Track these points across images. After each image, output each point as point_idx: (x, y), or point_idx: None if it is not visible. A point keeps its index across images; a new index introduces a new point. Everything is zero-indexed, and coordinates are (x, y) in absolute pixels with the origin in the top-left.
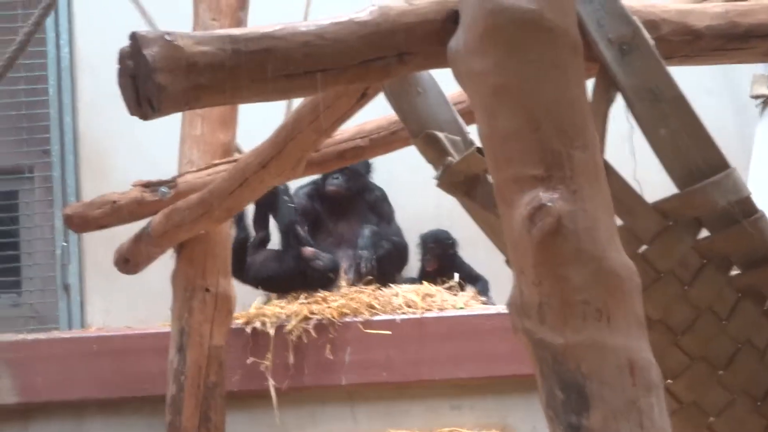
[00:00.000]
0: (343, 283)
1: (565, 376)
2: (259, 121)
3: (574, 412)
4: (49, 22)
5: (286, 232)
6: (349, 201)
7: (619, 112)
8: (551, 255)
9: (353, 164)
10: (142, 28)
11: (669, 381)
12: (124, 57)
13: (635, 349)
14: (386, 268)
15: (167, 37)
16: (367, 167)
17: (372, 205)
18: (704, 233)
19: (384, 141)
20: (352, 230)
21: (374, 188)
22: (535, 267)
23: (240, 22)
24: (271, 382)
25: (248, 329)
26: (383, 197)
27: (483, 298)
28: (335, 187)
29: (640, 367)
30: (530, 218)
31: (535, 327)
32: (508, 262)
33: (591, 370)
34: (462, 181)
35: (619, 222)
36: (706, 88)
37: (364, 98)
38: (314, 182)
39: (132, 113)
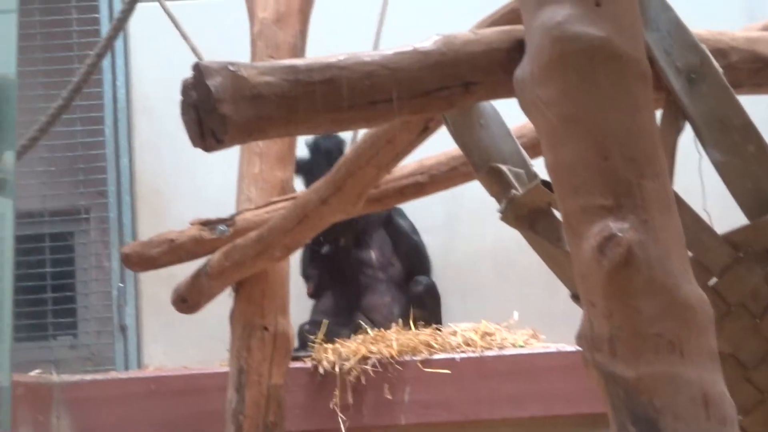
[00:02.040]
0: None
1: (638, 410)
2: None
3: None
4: (106, 63)
5: None
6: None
7: (687, 142)
8: (622, 286)
9: None
10: None
11: (740, 417)
12: (187, 88)
13: (709, 382)
14: (429, 301)
15: (231, 68)
16: None
17: (385, 222)
18: None
19: (444, 177)
20: (375, 254)
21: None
22: (605, 299)
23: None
24: (340, 420)
25: (307, 368)
26: (399, 213)
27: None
28: None
29: (715, 400)
30: (600, 249)
31: (606, 360)
32: (573, 297)
33: (664, 403)
34: (526, 215)
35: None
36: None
37: (425, 132)
38: None
39: (195, 145)
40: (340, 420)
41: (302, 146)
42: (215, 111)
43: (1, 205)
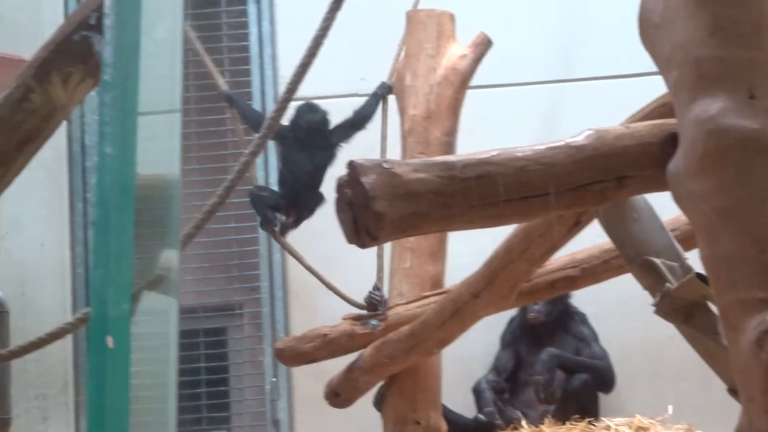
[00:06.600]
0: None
1: None
2: (464, 254)
3: None
4: (258, 160)
5: None
6: (549, 327)
7: None
8: None
9: None
10: None
11: None
12: (342, 185)
13: None
14: (585, 396)
15: (385, 165)
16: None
17: (571, 328)
18: None
19: (596, 270)
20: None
21: (573, 312)
22: (764, 394)
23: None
24: None
25: None
26: (582, 319)
27: None
28: (536, 314)
29: None
30: (758, 343)
31: None
32: (730, 391)
33: None
34: (681, 308)
35: None
36: None
37: (577, 226)
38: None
39: (350, 242)
40: None
41: (452, 240)
42: (370, 208)
43: (164, 303)
